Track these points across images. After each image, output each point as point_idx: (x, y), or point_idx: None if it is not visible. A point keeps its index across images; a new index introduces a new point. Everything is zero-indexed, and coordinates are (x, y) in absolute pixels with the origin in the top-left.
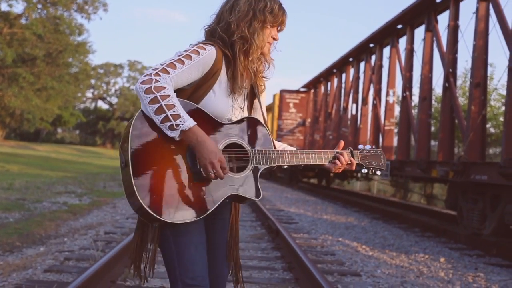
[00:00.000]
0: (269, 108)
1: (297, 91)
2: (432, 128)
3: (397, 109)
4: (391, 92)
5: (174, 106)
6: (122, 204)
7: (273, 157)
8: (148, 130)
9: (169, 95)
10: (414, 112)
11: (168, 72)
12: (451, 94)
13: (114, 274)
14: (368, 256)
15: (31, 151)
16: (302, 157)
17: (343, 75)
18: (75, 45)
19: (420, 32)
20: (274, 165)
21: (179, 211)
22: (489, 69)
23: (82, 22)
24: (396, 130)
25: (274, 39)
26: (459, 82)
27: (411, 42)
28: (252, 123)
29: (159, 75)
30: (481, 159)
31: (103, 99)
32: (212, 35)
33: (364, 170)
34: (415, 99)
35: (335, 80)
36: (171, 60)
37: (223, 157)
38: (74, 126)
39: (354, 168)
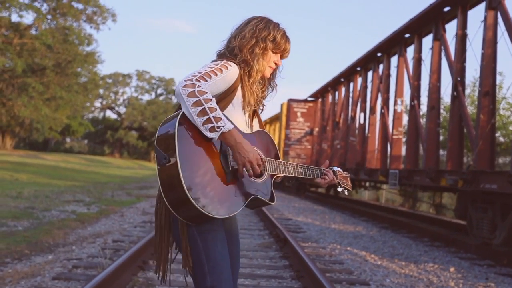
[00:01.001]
0: (277, 118)
1: (305, 100)
2: (441, 137)
3: (405, 118)
4: (399, 101)
5: (216, 109)
6: (130, 213)
7: (282, 167)
8: (189, 131)
9: (211, 99)
10: (423, 121)
11: (206, 80)
12: (460, 103)
13: (122, 282)
14: (377, 265)
15: (40, 160)
16: (301, 170)
17: (351, 84)
18: (84, 55)
19: (428, 41)
20: (282, 174)
21: (217, 207)
22: (499, 78)
23: (91, 32)
24: (404, 139)
25: (276, 64)
26: (468, 91)
27: (419, 51)
28: (264, 136)
29: (200, 81)
30: (491, 168)
31: (111, 108)
32: (222, 58)
33: (339, 189)
34: (424, 108)
35: (343, 89)
36: (206, 70)
37: (258, 156)
38: (83, 135)
39: (332, 183)
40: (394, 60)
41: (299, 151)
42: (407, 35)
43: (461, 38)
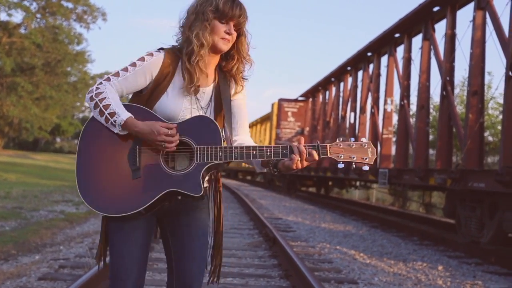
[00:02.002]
0: (268, 117)
1: (296, 100)
2: (430, 137)
3: (395, 118)
4: (389, 101)
5: (110, 105)
6: None
7: (220, 154)
8: (97, 132)
9: (105, 97)
10: (412, 120)
11: (110, 80)
12: (449, 102)
13: (108, 281)
14: (366, 264)
15: (29, 160)
16: (254, 153)
17: (341, 84)
18: (73, 54)
19: (417, 41)
20: (221, 161)
21: (106, 204)
22: (488, 77)
23: (81, 31)
24: (394, 139)
25: (228, 33)
26: (457, 91)
27: (408, 50)
28: (201, 122)
29: (101, 83)
30: (479, 167)
31: None
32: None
33: (341, 165)
34: (413, 107)
35: (333, 89)
36: (120, 68)
37: (163, 128)
38: (73, 135)
39: (316, 159)
40: (384, 59)
41: None
42: (397, 35)
43: (450, 38)
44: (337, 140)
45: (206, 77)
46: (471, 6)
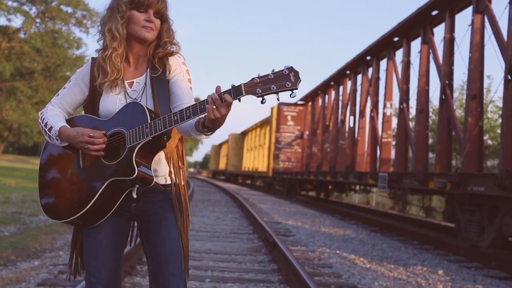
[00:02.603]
0: (267, 121)
1: (295, 104)
2: (430, 140)
3: (394, 121)
4: (388, 104)
5: (47, 122)
6: None
7: (147, 130)
8: (49, 149)
9: (44, 117)
10: (412, 124)
11: (51, 102)
12: (448, 106)
13: None
14: (366, 268)
15: (29, 164)
16: (176, 118)
17: (341, 88)
18: (73, 58)
19: (416, 45)
20: (150, 136)
21: (69, 210)
22: (487, 81)
23: (81, 36)
24: (393, 142)
25: (149, 21)
26: (456, 94)
27: (407, 54)
28: (128, 108)
29: (45, 107)
30: (479, 171)
31: None
32: None
33: (264, 101)
34: (413, 111)
35: (333, 92)
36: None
37: (86, 130)
38: None
39: (231, 101)
40: (383, 63)
41: (289, 155)
42: (395, 39)
43: (449, 42)
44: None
45: (135, 68)
46: (469, 10)
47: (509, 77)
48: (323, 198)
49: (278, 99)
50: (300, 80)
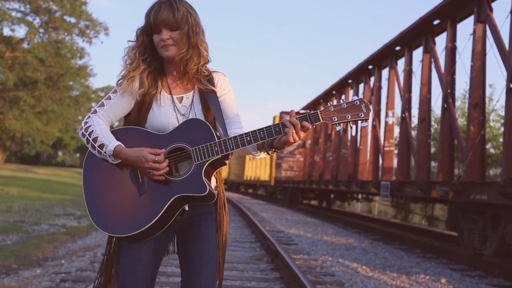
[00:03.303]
0: None
1: (297, 113)
2: (432, 149)
3: (396, 130)
4: (390, 113)
5: (98, 137)
6: None
7: (216, 148)
8: (94, 161)
9: (93, 131)
10: (414, 133)
11: (96, 112)
12: (450, 115)
13: None
14: (368, 277)
15: (31, 174)
16: (248, 138)
17: (343, 97)
18: (76, 68)
19: (418, 54)
20: (219, 155)
21: (126, 224)
22: (489, 90)
23: (83, 45)
24: (396, 151)
25: (163, 40)
26: (458, 103)
27: (409, 63)
28: (191, 124)
29: (89, 117)
30: (481, 179)
31: None
32: None
33: (338, 128)
34: (415, 120)
35: (334, 102)
36: (103, 99)
37: (150, 155)
38: (75, 149)
39: (309, 127)
40: (385, 72)
41: (291, 164)
42: (397, 48)
43: (451, 51)
44: (328, 104)
45: (183, 84)
46: (471, 20)
47: (511, 85)
48: (325, 207)
49: (351, 127)
50: (371, 111)
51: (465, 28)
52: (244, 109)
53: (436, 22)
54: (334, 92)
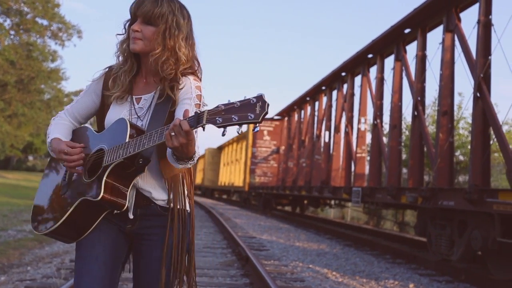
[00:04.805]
0: (244, 136)
1: (271, 119)
2: (403, 156)
3: (368, 137)
4: (362, 120)
5: (50, 130)
6: None
7: (120, 151)
8: (51, 160)
9: (51, 125)
10: (385, 139)
11: (63, 108)
12: (420, 122)
13: None
14: (338, 282)
15: (0, 179)
16: (145, 141)
17: (316, 103)
18: (47, 71)
19: (390, 62)
20: (122, 158)
21: (48, 222)
22: (458, 98)
23: (56, 48)
24: (368, 157)
25: (133, 30)
26: (428, 111)
27: (381, 71)
28: (116, 124)
29: (58, 114)
30: (450, 186)
31: None
32: None
33: (223, 131)
34: (386, 126)
35: (309, 108)
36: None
37: (64, 147)
38: (46, 153)
39: (186, 129)
40: (358, 79)
41: (265, 170)
42: (370, 56)
43: (421, 59)
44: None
45: (146, 84)
46: (440, 29)
47: (478, 94)
48: (298, 213)
49: (238, 132)
50: (266, 113)
51: (435, 37)
52: None
53: (407, 30)
54: (308, 98)
